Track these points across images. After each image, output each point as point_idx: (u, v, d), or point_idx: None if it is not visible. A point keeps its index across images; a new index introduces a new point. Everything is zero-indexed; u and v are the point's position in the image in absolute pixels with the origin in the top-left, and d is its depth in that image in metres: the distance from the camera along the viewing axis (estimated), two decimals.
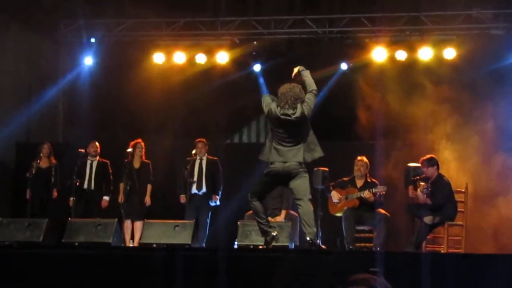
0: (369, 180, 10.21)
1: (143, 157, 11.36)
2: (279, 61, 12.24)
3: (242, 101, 12.96)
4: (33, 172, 11.14)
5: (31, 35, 12.95)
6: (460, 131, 11.29)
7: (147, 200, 11.22)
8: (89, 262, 7.66)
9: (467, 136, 11.21)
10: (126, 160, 11.22)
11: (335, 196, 10.11)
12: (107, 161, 11.48)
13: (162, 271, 7.30)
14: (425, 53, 12.53)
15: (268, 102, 7.94)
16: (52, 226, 9.59)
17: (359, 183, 10.20)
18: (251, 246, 8.85)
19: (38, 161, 11.29)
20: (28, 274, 7.53)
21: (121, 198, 11.16)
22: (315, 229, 7.98)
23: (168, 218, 10.02)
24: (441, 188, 9.50)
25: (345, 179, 10.28)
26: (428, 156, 9.77)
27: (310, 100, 7.87)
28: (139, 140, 11.37)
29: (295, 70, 8.14)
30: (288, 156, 7.86)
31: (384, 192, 9.87)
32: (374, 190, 9.85)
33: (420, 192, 9.39)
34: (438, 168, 9.67)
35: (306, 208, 7.84)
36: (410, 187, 9.60)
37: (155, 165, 11.50)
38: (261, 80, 13.05)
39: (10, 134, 12.39)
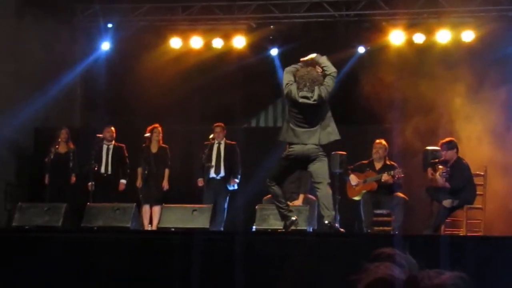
0: (388, 162, 10.17)
1: (161, 142, 11.36)
2: (296, 45, 12.17)
3: (259, 85, 12.93)
4: (51, 157, 11.19)
5: (48, 21, 12.94)
6: (479, 112, 11.17)
7: (165, 184, 11.24)
8: (108, 246, 7.70)
9: (485, 116, 11.10)
10: (143, 145, 11.24)
11: (353, 179, 10.08)
12: (123, 145, 11.49)
13: (180, 254, 7.32)
14: (443, 36, 12.40)
15: (288, 82, 7.88)
16: (70, 210, 9.64)
17: (378, 165, 10.17)
18: (269, 230, 8.85)
19: (56, 146, 11.33)
20: (47, 258, 7.58)
21: (139, 183, 11.18)
22: (333, 213, 7.97)
23: (186, 202, 10.02)
24: (460, 172, 9.44)
25: (363, 162, 10.25)
26: (448, 139, 9.68)
27: (328, 83, 7.83)
28: (157, 125, 11.36)
29: (309, 57, 8.04)
30: (304, 138, 7.82)
31: (402, 175, 9.83)
32: (392, 172, 9.82)
33: (439, 176, 9.34)
34: (457, 151, 9.59)
35: (325, 191, 7.83)
36: (429, 170, 9.54)
37: (172, 149, 11.50)
38: (278, 64, 13.01)
39: (28, 120, 12.41)
